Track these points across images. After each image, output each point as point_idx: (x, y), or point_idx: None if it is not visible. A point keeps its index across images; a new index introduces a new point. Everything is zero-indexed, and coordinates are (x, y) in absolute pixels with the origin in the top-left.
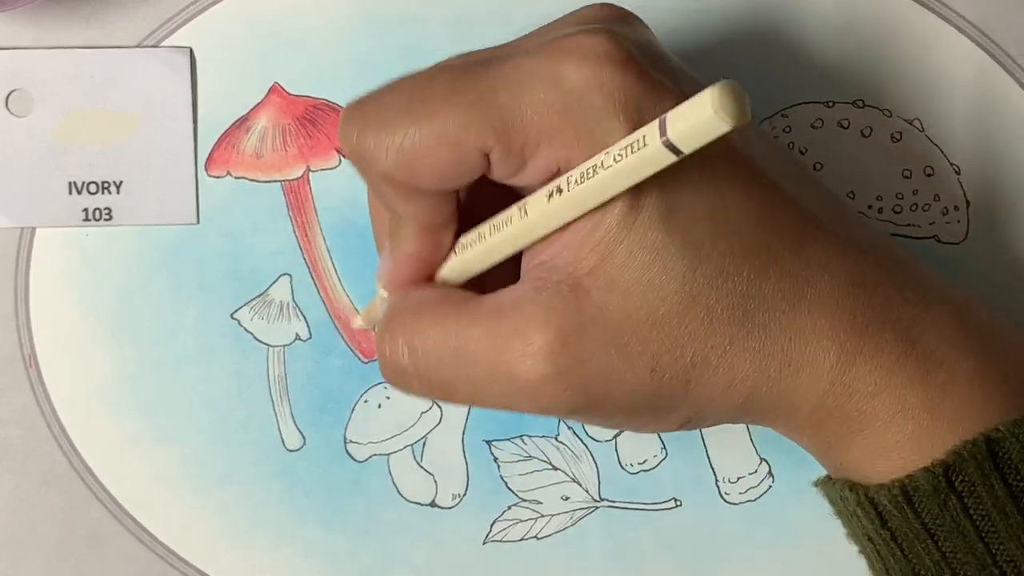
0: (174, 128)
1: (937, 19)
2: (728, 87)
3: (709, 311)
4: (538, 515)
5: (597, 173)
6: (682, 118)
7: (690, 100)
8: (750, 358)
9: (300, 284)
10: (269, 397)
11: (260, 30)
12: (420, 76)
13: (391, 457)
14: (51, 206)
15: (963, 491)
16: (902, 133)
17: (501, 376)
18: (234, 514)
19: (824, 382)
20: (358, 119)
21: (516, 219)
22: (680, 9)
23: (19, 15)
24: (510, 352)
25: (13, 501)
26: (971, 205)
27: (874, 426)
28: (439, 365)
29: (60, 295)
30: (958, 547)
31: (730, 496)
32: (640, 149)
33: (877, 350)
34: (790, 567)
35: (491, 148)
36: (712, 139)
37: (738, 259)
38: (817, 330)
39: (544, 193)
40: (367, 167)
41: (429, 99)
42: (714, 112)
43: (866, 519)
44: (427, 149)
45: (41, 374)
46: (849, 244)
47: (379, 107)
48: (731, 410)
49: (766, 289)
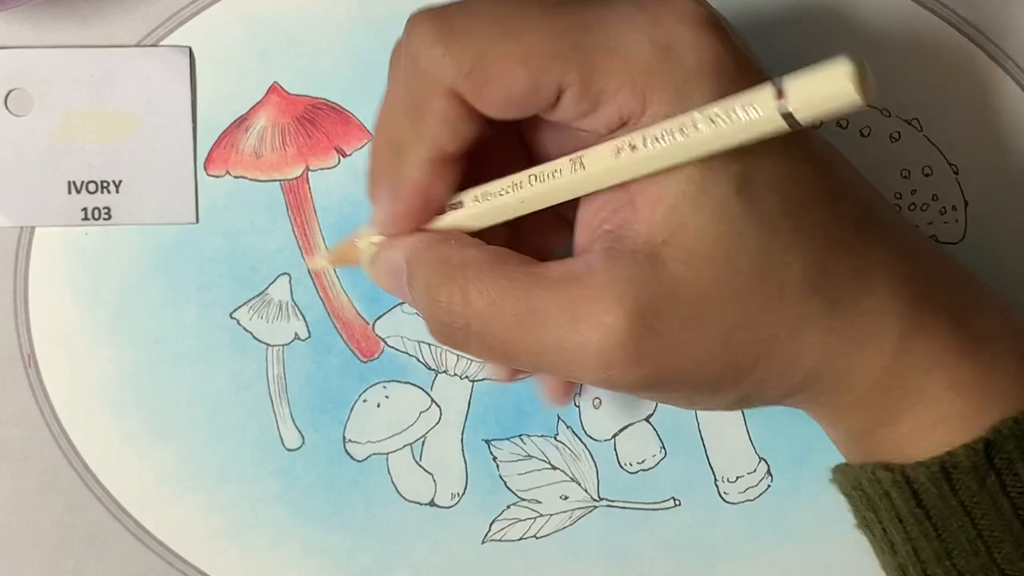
0: (173, 127)
1: (937, 19)
2: (861, 61)
3: (781, 286)
4: (537, 514)
5: (686, 134)
6: (810, 87)
7: (818, 69)
8: (818, 334)
9: (299, 284)
10: (268, 396)
11: (259, 29)
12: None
13: (390, 456)
14: (50, 205)
15: (1002, 468)
16: (901, 133)
17: (573, 345)
18: (233, 513)
19: (885, 359)
20: (437, 24)
21: (567, 171)
22: None
23: (18, 14)
24: (586, 322)
25: (13, 501)
26: (969, 205)
27: (925, 402)
28: (504, 329)
29: (59, 294)
30: (994, 524)
31: (729, 496)
32: (749, 115)
33: (935, 327)
34: (789, 566)
35: (570, 84)
36: (837, 114)
37: (808, 234)
38: (882, 306)
39: (611, 148)
40: (430, 75)
41: (521, 18)
42: (852, 85)
43: (900, 499)
44: (507, 68)
45: (40, 374)
46: (906, 229)
47: (467, 14)
48: (790, 387)
49: (834, 265)
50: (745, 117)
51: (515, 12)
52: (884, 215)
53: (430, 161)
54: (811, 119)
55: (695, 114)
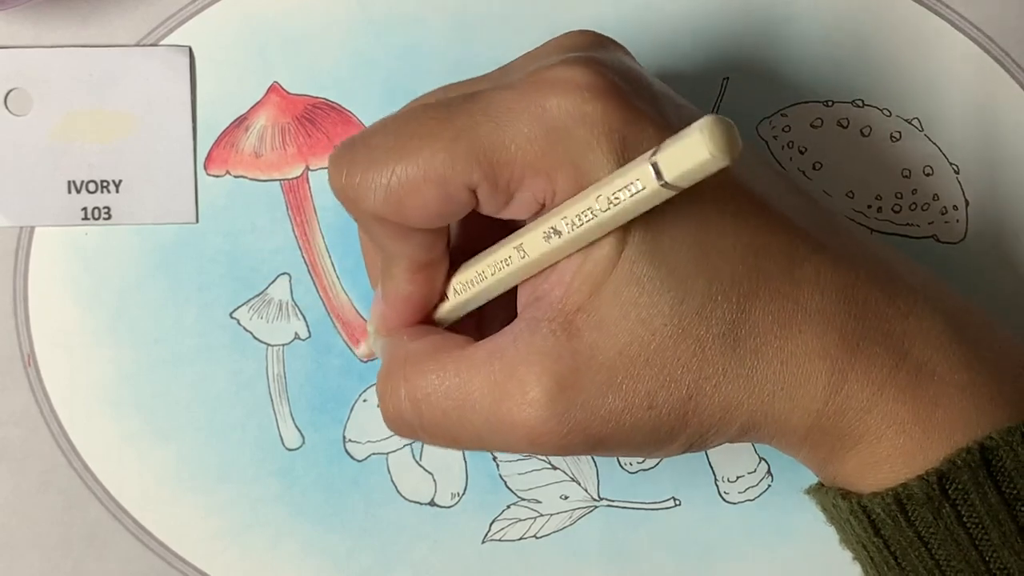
0: (173, 127)
1: (937, 19)
2: (717, 123)
3: (700, 342)
4: (537, 514)
5: (595, 216)
6: (676, 162)
7: (681, 139)
8: (744, 385)
9: (299, 283)
10: (268, 396)
11: (259, 29)
12: (406, 114)
13: (390, 456)
14: (50, 205)
15: (957, 499)
16: (901, 133)
17: (502, 424)
18: (233, 513)
19: (818, 402)
20: (346, 159)
21: (516, 260)
22: (680, 9)
23: (18, 14)
24: (509, 400)
25: (12, 501)
26: (970, 205)
27: (866, 440)
28: (442, 416)
29: (59, 294)
30: (952, 555)
31: (729, 495)
32: (636, 193)
33: (868, 366)
34: (789, 566)
35: (477, 184)
36: (709, 173)
37: (726, 286)
38: (809, 351)
39: (541, 234)
40: (356, 207)
41: (414, 136)
42: (709, 154)
43: (859, 527)
44: (414, 187)
45: (40, 373)
46: (840, 259)
47: (367, 146)
48: (729, 434)
49: (756, 313)
50: (636, 195)
51: (408, 129)
52: (829, 243)
53: (408, 272)
54: (684, 182)
55: (596, 196)
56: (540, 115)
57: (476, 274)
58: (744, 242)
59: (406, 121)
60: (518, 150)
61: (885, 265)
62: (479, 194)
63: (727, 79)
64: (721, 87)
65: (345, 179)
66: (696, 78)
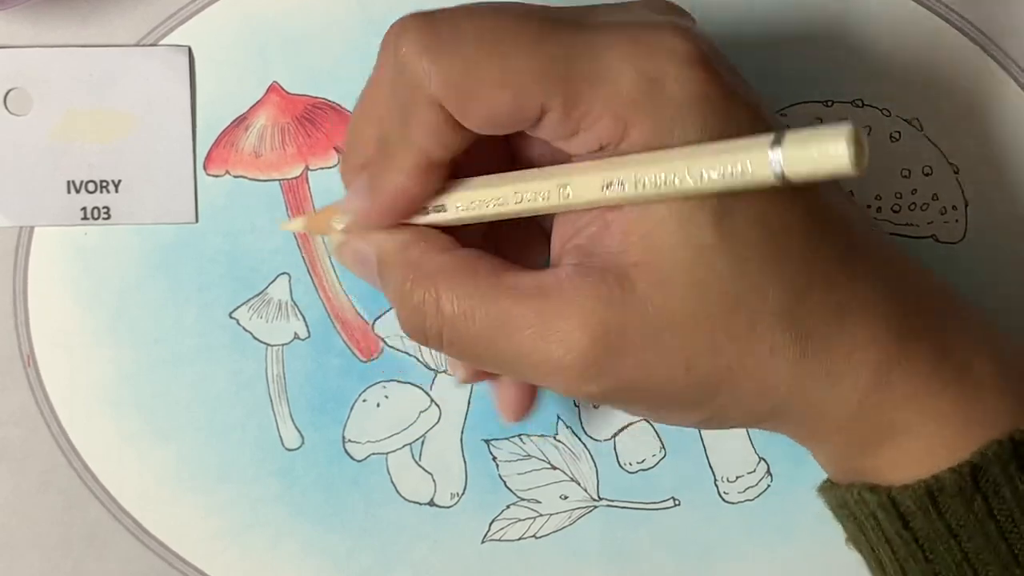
0: (173, 127)
1: (937, 19)
2: (859, 134)
3: (753, 316)
4: (537, 514)
5: (679, 184)
6: (807, 162)
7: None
8: (788, 366)
9: (299, 283)
10: (268, 396)
11: (259, 29)
12: (504, 10)
13: (390, 456)
14: (49, 205)
15: (988, 491)
16: (901, 132)
17: (538, 357)
18: (233, 513)
19: (861, 393)
20: (429, 34)
21: (555, 197)
22: None
23: (17, 14)
24: (551, 337)
25: (12, 501)
26: (969, 205)
27: (907, 432)
28: (472, 338)
29: (58, 294)
30: (981, 547)
31: (729, 495)
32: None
33: (914, 359)
34: (788, 566)
35: (552, 108)
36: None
37: (786, 268)
38: (859, 341)
39: (600, 182)
40: (413, 82)
41: (509, 39)
42: (851, 165)
43: (887, 521)
44: (491, 88)
45: (40, 373)
46: (891, 258)
47: (455, 28)
48: (757, 414)
49: (812, 299)
50: (739, 173)
51: (504, 31)
52: (871, 243)
53: (416, 167)
54: (801, 180)
55: (684, 169)
56: (643, 66)
57: (495, 198)
58: (807, 228)
59: (504, 19)
60: (608, 89)
61: (916, 263)
62: (546, 117)
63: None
64: None
65: (420, 52)
66: None
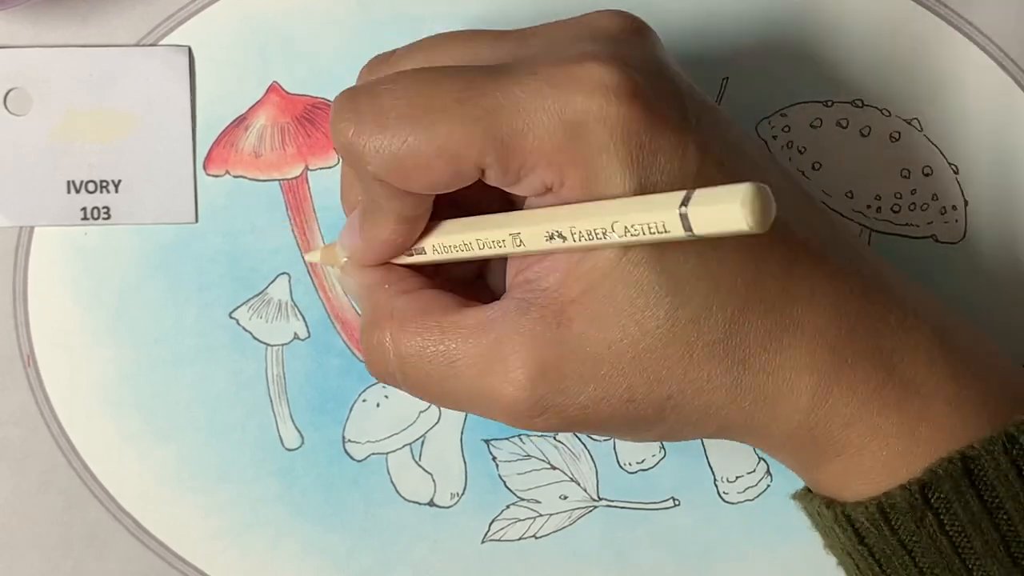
0: (172, 127)
1: (936, 19)
2: (757, 196)
3: (689, 348)
4: (536, 514)
5: (605, 237)
6: (709, 222)
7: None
8: (727, 392)
9: (299, 283)
10: (268, 396)
11: (259, 29)
12: (423, 78)
13: (389, 456)
14: (49, 205)
15: (939, 508)
16: (901, 133)
17: (483, 395)
18: (233, 513)
19: (800, 414)
20: (353, 115)
21: (509, 245)
22: (681, 8)
23: (17, 14)
24: (492, 375)
25: (12, 501)
26: (969, 205)
27: (848, 452)
28: (425, 377)
29: (58, 294)
30: (935, 563)
31: (728, 496)
32: (657, 232)
33: (854, 380)
34: (788, 566)
35: (489, 165)
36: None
37: (723, 297)
38: (796, 365)
39: (543, 234)
40: (357, 164)
41: (431, 108)
42: (747, 226)
43: (844, 535)
44: (424, 159)
45: (40, 373)
46: (837, 272)
47: (377, 107)
48: (707, 430)
49: (748, 326)
50: (658, 228)
51: (426, 97)
52: (827, 255)
53: (395, 221)
54: (711, 236)
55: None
56: (561, 110)
57: (462, 243)
58: (744, 256)
59: (422, 87)
60: (535, 140)
61: (878, 276)
62: (487, 172)
63: (727, 79)
64: (721, 87)
65: (352, 136)
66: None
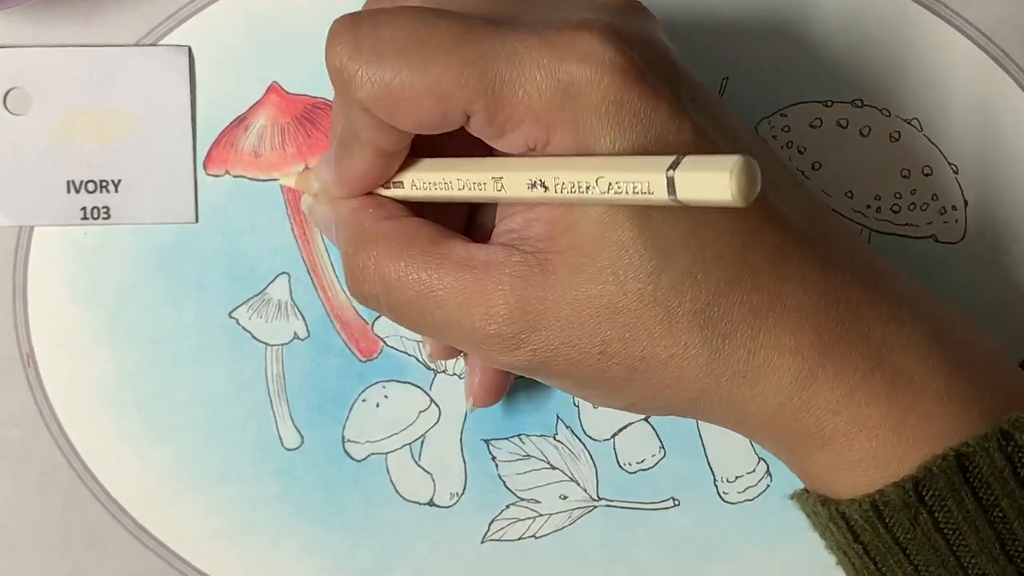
0: (172, 127)
1: (936, 19)
2: (745, 168)
3: (670, 313)
4: (536, 514)
5: (588, 191)
6: (695, 188)
7: (706, 169)
8: (704, 364)
9: (298, 283)
10: (267, 396)
11: (259, 29)
12: (426, 16)
13: (389, 456)
14: (49, 205)
15: (933, 505)
16: (900, 132)
17: (463, 326)
18: (232, 513)
19: (781, 396)
20: (352, 40)
21: (491, 189)
22: (680, 7)
23: (17, 13)
24: (474, 309)
25: (12, 501)
26: (969, 205)
27: (836, 442)
28: (406, 302)
29: (58, 294)
30: (930, 561)
31: (728, 495)
32: (641, 192)
33: (841, 367)
34: (788, 566)
35: (476, 112)
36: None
37: (709, 267)
38: (780, 345)
39: (526, 181)
40: (346, 90)
41: (427, 46)
42: (731, 197)
43: (839, 533)
44: (413, 95)
45: (39, 373)
46: (829, 258)
47: (377, 36)
48: (679, 403)
49: (733, 300)
50: (641, 190)
51: (425, 38)
52: (819, 242)
53: (371, 154)
54: (694, 204)
55: (594, 178)
56: (557, 72)
57: (443, 181)
58: (735, 228)
59: (424, 24)
60: (526, 95)
61: (872, 269)
62: (473, 120)
63: (727, 79)
64: (721, 87)
65: (347, 60)
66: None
